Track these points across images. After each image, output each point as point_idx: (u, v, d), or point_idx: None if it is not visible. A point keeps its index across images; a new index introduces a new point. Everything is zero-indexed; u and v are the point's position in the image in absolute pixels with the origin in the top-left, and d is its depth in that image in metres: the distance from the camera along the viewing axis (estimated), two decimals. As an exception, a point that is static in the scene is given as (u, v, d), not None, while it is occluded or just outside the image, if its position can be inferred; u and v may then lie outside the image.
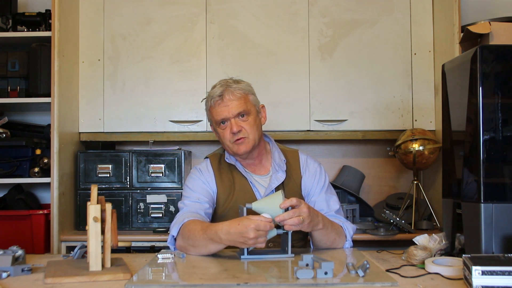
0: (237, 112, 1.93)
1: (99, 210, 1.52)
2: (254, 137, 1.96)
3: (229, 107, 1.92)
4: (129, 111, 3.07)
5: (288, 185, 2.02)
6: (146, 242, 2.78)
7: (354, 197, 3.11)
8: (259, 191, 2.01)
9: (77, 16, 3.07)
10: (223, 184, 2.02)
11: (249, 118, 1.95)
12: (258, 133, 1.98)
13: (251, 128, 1.95)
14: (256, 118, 1.98)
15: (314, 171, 2.07)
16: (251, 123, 1.95)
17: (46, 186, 3.02)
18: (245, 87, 1.98)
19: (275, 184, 1.99)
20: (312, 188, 2.04)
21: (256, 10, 3.08)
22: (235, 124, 1.93)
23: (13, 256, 1.55)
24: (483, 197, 1.58)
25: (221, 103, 1.93)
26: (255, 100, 2.01)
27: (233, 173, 2.04)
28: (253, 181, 2.02)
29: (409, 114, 3.04)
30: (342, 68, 3.05)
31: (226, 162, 2.06)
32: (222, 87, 1.95)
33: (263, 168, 2.07)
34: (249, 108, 1.95)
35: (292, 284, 1.36)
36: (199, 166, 2.08)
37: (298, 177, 2.05)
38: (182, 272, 1.56)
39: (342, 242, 1.93)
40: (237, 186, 2.01)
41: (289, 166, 2.06)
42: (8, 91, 2.94)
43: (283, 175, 2.01)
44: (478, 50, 1.62)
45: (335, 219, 1.96)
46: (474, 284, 1.29)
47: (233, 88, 1.94)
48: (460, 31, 2.75)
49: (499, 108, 1.62)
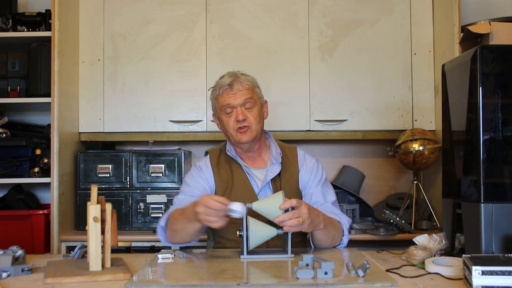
0: (244, 101, 1.99)
1: (99, 210, 1.52)
2: (257, 128, 2.01)
3: (237, 96, 1.99)
4: (129, 111, 3.07)
5: (284, 177, 2.05)
6: (146, 242, 2.78)
7: (354, 197, 3.11)
8: (257, 184, 2.04)
9: (77, 16, 3.07)
10: (221, 179, 2.05)
11: (254, 109, 2.01)
12: (260, 125, 2.04)
13: (255, 119, 2.00)
14: (260, 110, 2.05)
15: (312, 166, 2.11)
16: (256, 114, 2.01)
17: (46, 186, 3.01)
18: (252, 80, 2.05)
19: (270, 177, 2.03)
20: (309, 181, 2.08)
21: (256, 10, 3.08)
22: (241, 113, 1.98)
23: (13, 256, 1.56)
24: (483, 197, 1.58)
25: (230, 91, 1.99)
26: (260, 94, 2.07)
27: (232, 167, 2.07)
28: (251, 174, 2.06)
29: (409, 114, 3.04)
30: (342, 68, 3.05)
31: (226, 156, 2.10)
32: (231, 77, 2.02)
33: (261, 161, 2.10)
34: (255, 99, 2.02)
35: (292, 284, 1.36)
36: (198, 163, 2.13)
37: (295, 171, 2.08)
38: (182, 272, 1.56)
39: (340, 237, 1.95)
40: (236, 179, 2.04)
41: (287, 160, 2.10)
42: (8, 91, 2.94)
43: (279, 167, 2.05)
44: (478, 50, 1.62)
45: (332, 213, 1.98)
46: (474, 284, 1.29)
47: (242, 79, 2.01)
48: (460, 31, 2.75)
49: (499, 108, 1.62)
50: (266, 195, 2.01)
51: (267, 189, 2.03)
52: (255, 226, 1.71)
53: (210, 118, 3.03)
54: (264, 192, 2.03)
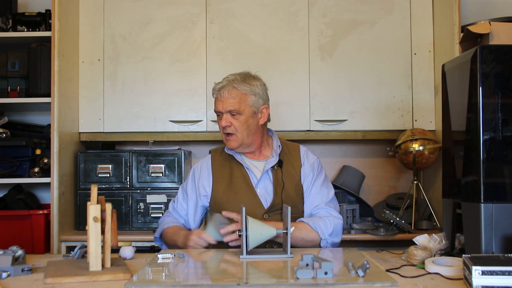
0: (229, 109, 2.04)
1: (99, 210, 1.52)
2: (243, 136, 2.06)
3: (223, 103, 2.05)
4: (129, 111, 3.06)
5: (286, 169, 2.11)
6: (146, 242, 2.78)
7: (354, 197, 3.11)
8: (254, 174, 2.11)
9: (77, 16, 3.07)
10: (221, 176, 2.13)
11: (240, 117, 2.05)
12: (248, 132, 2.07)
13: (240, 126, 2.05)
14: (249, 118, 2.06)
15: (313, 162, 2.17)
16: (241, 122, 2.05)
17: (46, 186, 3.01)
18: (249, 87, 2.06)
19: (267, 167, 2.10)
20: (308, 177, 2.13)
21: (256, 10, 3.08)
22: (225, 119, 2.06)
23: (13, 256, 1.55)
24: (483, 197, 1.58)
25: (218, 97, 2.07)
26: (255, 102, 2.07)
27: (231, 164, 2.15)
28: (249, 165, 2.12)
29: (409, 114, 3.04)
30: (342, 68, 3.05)
31: (226, 153, 2.17)
32: (224, 82, 2.07)
33: (262, 156, 2.17)
34: (242, 108, 2.04)
35: (292, 284, 1.36)
36: (195, 166, 2.23)
37: (297, 165, 2.14)
38: (182, 272, 1.56)
39: (315, 241, 2.01)
40: (234, 175, 2.12)
41: (289, 154, 2.16)
42: (8, 91, 2.94)
43: (276, 159, 2.12)
44: (478, 50, 1.62)
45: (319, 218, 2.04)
46: (474, 284, 1.29)
47: (234, 85, 2.04)
48: (460, 31, 2.75)
49: (499, 108, 1.62)
50: (265, 185, 2.09)
51: (266, 180, 2.10)
52: (255, 226, 1.72)
53: (210, 118, 3.03)
54: (263, 182, 2.09)
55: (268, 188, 2.09)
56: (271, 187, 2.08)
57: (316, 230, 1.99)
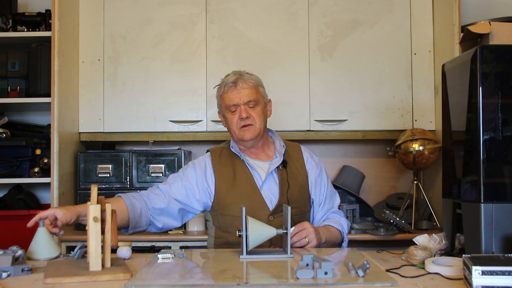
0: (247, 99, 2.03)
1: (99, 210, 1.52)
2: (260, 126, 2.06)
3: (241, 94, 2.03)
4: (129, 111, 3.06)
5: (291, 170, 2.10)
6: (146, 242, 2.78)
7: (354, 197, 3.11)
8: (260, 176, 2.07)
9: (77, 16, 3.07)
10: (223, 175, 2.08)
11: (257, 108, 2.05)
12: (263, 123, 2.09)
13: (258, 117, 2.05)
14: (264, 109, 2.09)
15: (317, 163, 2.18)
16: (259, 113, 2.05)
17: (46, 186, 3.01)
18: (256, 79, 2.10)
19: (272, 168, 2.07)
20: (316, 183, 2.14)
21: (256, 10, 3.08)
22: (244, 111, 2.03)
23: (13, 256, 1.55)
24: (483, 197, 1.58)
25: (234, 89, 2.03)
26: (264, 93, 2.11)
27: (234, 163, 2.10)
28: (254, 167, 2.09)
29: (409, 114, 3.04)
30: (342, 68, 3.05)
31: (228, 153, 2.13)
32: (236, 75, 2.07)
33: (265, 156, 2.14)
34: (259, 98, 2.06)
35: (292, 284, 1.36)
36: (193, 162, 2.15)
37: (302, 168, 2.13)
38: (182, 272, 1.56)
39: (339, 243, 2.09)
40: (238, 174, 2.08)
41: (292, 154, 2.15)
42: (8, 91, 2.94)
43: (281, 159, 2.10)
44: (478, 50, 1.62)
45: (332, 219, 2.11)
46: (474, 284, 1.29)
47: (246, 78, 2.06)
48: (460, 31, 2.75)
49: (499, 108, 1.62)
50: (270, 186, 2.06)
51: (271, 181, 2.07)
52: (255, 226, 1.71)
53: (210, 118, 3.03)
54: (268, 183, 2.06)
55: (273, 189, 2.06)
56: (276, 188, 2.06)
57: (343, 236, 2.09)
